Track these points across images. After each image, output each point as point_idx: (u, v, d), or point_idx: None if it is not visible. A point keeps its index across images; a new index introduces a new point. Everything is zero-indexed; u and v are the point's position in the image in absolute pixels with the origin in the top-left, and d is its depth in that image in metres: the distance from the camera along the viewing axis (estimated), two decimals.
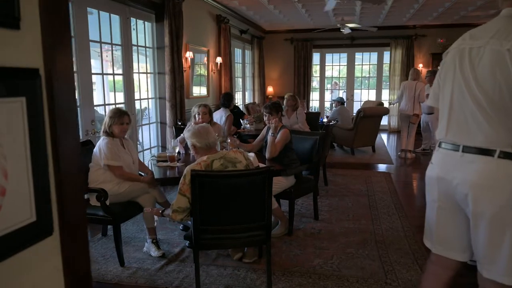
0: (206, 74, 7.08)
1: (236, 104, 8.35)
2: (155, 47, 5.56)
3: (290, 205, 3.66)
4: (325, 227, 3.86)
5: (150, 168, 3.46)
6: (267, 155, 3.63)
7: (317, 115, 7.21)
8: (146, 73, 5.56)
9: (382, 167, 6.67)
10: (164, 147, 5.60)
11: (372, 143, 7.74)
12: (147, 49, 5.50)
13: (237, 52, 9.33)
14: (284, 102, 5.92)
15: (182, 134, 3.96)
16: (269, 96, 11.22)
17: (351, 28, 8.69)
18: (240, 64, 9.63)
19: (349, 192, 5.07)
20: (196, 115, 4.04)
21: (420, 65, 10.21)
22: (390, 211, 4.29)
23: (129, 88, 5.02)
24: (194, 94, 6.58)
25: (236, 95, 8.94)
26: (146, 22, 5.42)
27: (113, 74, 4.89)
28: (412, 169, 6.69)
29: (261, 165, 3.20)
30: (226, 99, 5.58)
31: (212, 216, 2.47)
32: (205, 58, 6.98)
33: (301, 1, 7.22)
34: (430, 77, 7.38)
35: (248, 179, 2.45)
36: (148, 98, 5.63)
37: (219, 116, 5.32)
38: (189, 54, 6.03)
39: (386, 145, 8.89)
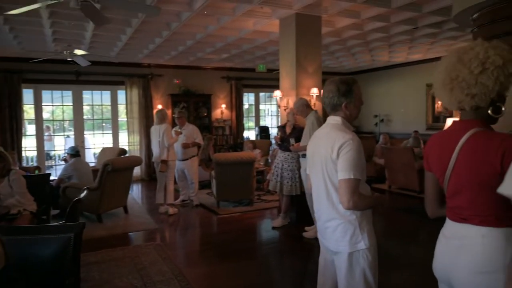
0: None
1: None
2: None
3: None
4: None
5: None
6: None
7: (45, 177, 4.91)
8: None
9: (145, 235, 5.15)
10: None
11: (124, 203, 6.11)
12: None
13: None
14: None
15: None
16: None
17: (75, 62, 6.88)
18: None
19: None
20: None
21: (159, 106, 9.45)
22: None
23: None
24: None
25: None
26: None
27: None
28: (179, 231, 5.54)
29: None
30: None
31: None
32: None
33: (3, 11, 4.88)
34: (180, 119, 6.54)
35: None
36: None
37: None
38: None
39: (136, 198, 7.44)
